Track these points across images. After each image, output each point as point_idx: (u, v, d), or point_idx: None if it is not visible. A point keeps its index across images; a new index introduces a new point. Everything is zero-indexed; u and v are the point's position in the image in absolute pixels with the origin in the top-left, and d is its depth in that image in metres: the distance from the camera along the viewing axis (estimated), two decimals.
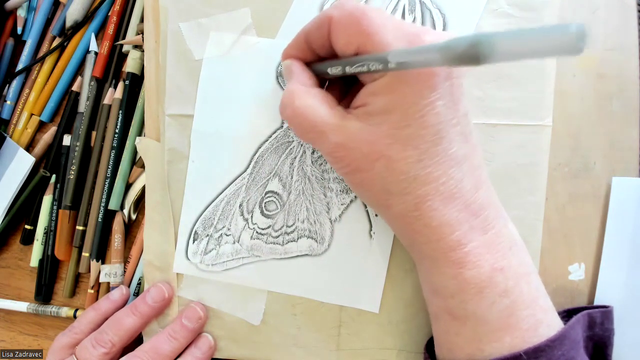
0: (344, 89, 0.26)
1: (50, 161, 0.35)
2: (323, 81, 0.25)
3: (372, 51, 0.20)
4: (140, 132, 0.33)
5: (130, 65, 0.33)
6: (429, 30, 0.20)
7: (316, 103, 0.22)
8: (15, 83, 0.36)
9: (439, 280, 0.21)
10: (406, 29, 0.20)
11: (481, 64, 0.14)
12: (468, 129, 0.21)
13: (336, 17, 0.20)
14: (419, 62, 0.17)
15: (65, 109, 0.35)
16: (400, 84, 0.19)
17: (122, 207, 0.33)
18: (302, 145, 0.28)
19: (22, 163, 0.35)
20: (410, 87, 0.19)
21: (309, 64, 0.24)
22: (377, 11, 0.20)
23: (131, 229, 0.34)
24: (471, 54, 0.14)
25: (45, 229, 0.34)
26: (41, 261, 0.34)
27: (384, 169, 0.20)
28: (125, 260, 0.33)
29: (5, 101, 0.36)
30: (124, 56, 0.35)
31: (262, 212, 0.29)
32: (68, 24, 0.35)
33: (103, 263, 0.33)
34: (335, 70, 0.22)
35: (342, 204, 0.28)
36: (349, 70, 0.21)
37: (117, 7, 0.34)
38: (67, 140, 0.35)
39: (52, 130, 0.35)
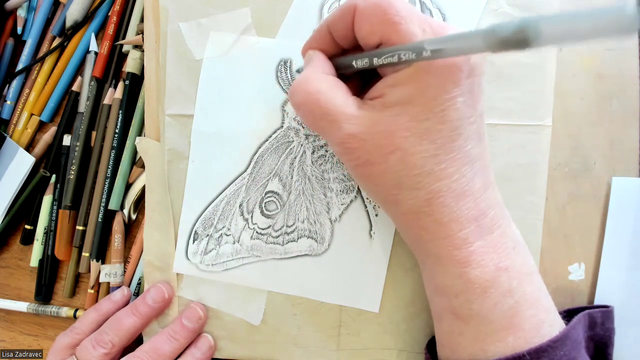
0: (361, 85, 0.25)
1: (50, 161, 0.35)
2: (342, 78, 0.24)
3: (397, 41, 0.19)
4: (140, 132, 0.33)
5: (130, 65, 0.33)
6: (453, 26, 0.20)
7: (330, 89, 0.21)
8: (15, 83, 0.36)
9: (443, 279, 0.21)
10: (431, 21, 0.20)
11: (528, 48, 0.14)
12: (483, 129, 0.21)
13: (361, 6, 0.20)
14: (457, 49, 0.17)
15: (65, 109, 0.35)
16: (423, 76, 0.19)
17: (122, 207, 0.33)
18: (302, 145, 0.28)
19: (22, 163, 0.35)
20: (434, 80, 0.19)
21: (331, 58, 0.24)
22: (403, 2, 0.20)
23: (131, 229, 0.34)
24: (518, 39, 0.14)
25: (45, 229, 0.34)
26: (41, 261, 0.34)
27: (398, 163, 0.20)
28: (125, 260, 0.33)
29: (5, 101, 0.36)
30: (124, 56, 0.35)
31: (262, 212, 0.29)
32: (68, 24, 0.35)
33: (103, 263, 0.33)
34: (362, 63, 0.21)
35: (342, 204, 0.28)
36: (377, 62, 0.20)
37: (117, 7, 0.34)
38: (67, 140, 0.35)
39: (52, 130, 0.35)
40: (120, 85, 0.33)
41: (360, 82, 0.25)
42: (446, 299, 0.22)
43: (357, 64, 0.21)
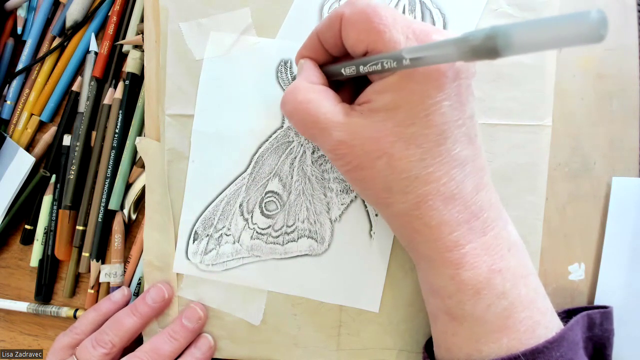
0: (355, 90, 0.25)
1: (50, 161, 0.35)
2: (336, 84, 0.25)
3: (382, 49, 0.20)
4: (140, 132, 0.33)
5: (130, 65, 0.33)
6: (439, 29, 0.20)
7: (319, 98, 0.22)
8: (15, 83, 0.36)
9: (436, 280, 0.21)
10: (416, 27, 0.20)
11: (498, 57, 0.14)
12: (473, 131, 0.21)
13: (347, 15, 0.20)
14: (434, 58, 0.17)
15: (65, 109, 0.35)
16: (407, 82, 0.19)
17: (122, 207, 0.33)
18: (302, 145, 0.28)
19: (22, 163, 0.35)
20: (418, 86, 0.19)
21: (323, 66, 0.24)
22: (388, 9, 0.20)
23: (131, 229, 0.34)
24: (488, 47, 0.14)
25: (45, 229, 0.34)
26: (41, 261, 0.34)
27: (386, 167, 0.20)
28: (125, 260, 0.33)
29: (5, 101, 0.36)
30: (124, 56, 0.35)
31: (262, 212, 0.29)
32: (68, 24, 0.35)
33: (103, 263, 0.33)
34: (350, 71, 0.21)
35: (342, 204, 0.28)
36: (363, 69, 0.20)
37: (117, 7, 0.34)
38: (67, 140, 0.35)
39: (52, 130, 0.35)
40: (120, 85, 0.33)
41: (354, 87, 0.25)
42: (440, 299, 0.22)
43: (345, 71, 0.22)
